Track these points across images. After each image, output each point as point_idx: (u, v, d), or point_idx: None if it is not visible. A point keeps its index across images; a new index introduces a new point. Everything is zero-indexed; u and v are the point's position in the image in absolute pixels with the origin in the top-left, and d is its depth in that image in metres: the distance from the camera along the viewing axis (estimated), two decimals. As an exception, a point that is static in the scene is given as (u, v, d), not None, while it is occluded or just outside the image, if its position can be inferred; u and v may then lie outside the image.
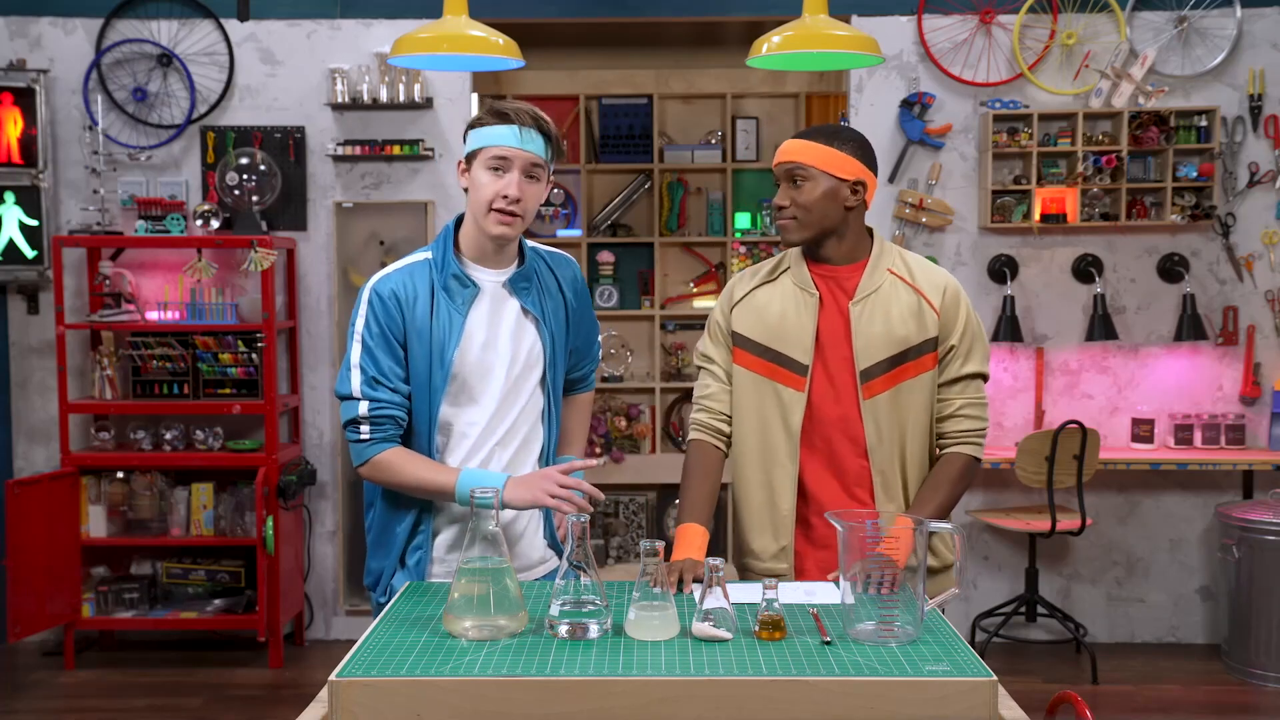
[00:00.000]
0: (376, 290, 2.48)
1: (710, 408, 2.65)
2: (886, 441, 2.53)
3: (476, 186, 2.47)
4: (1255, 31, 5.30)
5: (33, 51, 5.35)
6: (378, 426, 2.44)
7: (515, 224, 2.46)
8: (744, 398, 2.60)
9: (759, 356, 2.58)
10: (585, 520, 2.13)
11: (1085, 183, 5.24)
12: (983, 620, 5.28)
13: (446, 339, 2.47)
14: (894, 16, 5.34)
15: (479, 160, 2.47)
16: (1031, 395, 5.41)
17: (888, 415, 2.53)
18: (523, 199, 2.45)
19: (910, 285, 2.57)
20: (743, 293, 2.64)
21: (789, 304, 2.58)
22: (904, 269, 2.59)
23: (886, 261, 2.58)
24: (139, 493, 5.22)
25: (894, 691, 1.85)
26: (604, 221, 6.62)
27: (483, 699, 1.85)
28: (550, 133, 2.48)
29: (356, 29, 5.38)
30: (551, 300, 2.60)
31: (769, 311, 2.59)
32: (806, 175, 2.53)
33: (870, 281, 2.56)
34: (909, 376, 2.54)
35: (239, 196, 5.25)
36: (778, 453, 2.56)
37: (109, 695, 4.82)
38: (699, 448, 2.64)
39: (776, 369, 2.56)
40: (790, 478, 2.56)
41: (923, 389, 2.56)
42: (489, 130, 2.46)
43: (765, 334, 2.58)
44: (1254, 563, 4.91)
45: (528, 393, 2.56)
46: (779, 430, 2.56)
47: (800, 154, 2.53)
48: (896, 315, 2.54)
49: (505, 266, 2.55)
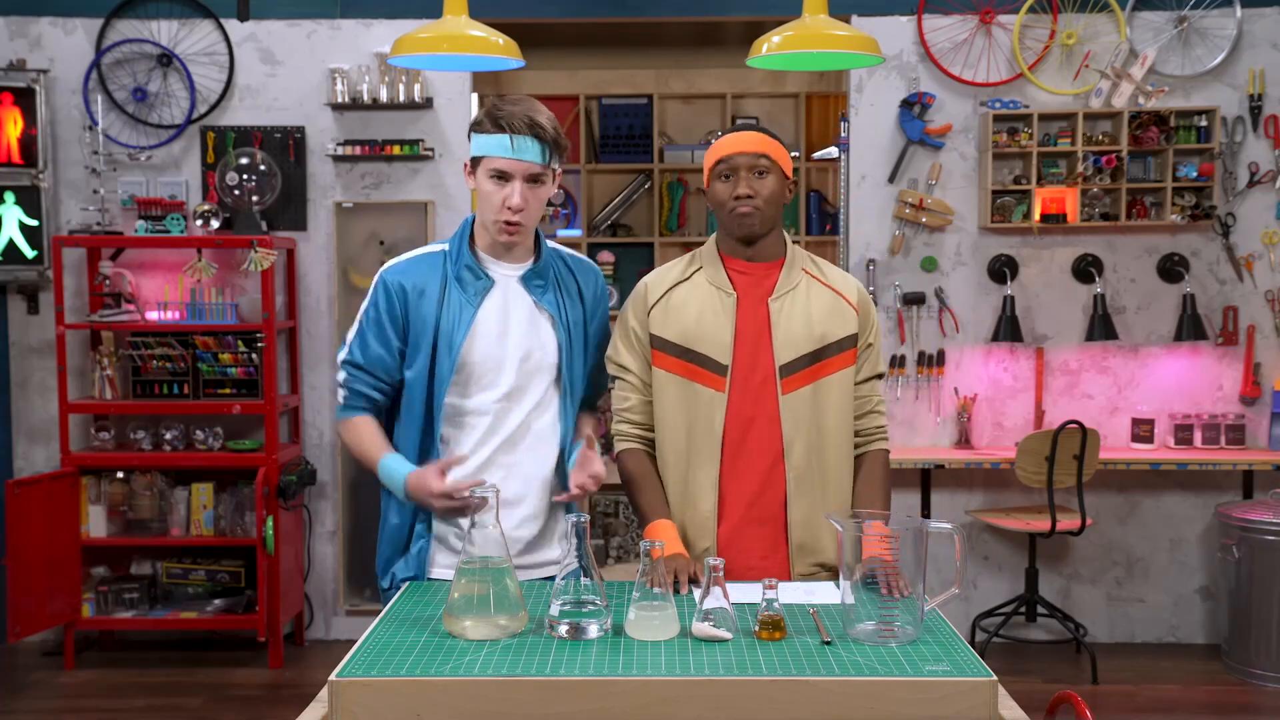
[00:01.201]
0: (384, 278, 2.55)
1: (632, 420, 2.63)
2: (804, 437, 2.53)
3: (482, 194, 2.49)
4: (1255, 31, 5.30)
5: (33, 51, 5.35)
6: (352, 395, 2.59)
7: (519, 233, 2.50)
8: (665, 400, 2.58)
9: (678, 358, 2.57)
10: (585, 520, 2.13)
11: (1085, 183, 5.24)
12: (983, 620, 5.28)
13: (455, 328, 2.49)
14: (894, 16, 5.34)
15: (481, 169, 2.49)
16: (1031, 395, 5.41)
17: (807, 410, 2.53)
18: (526, 207, 2.46)
19: (826, 285, 2.60)
20: (658, 295, 2.61)
21: (705, 304, 2.56)
22: (816, 270, 2.63)
23: (800, 262, 2.62)
24: (139, 493, 5.22)
25: (894, 691, 1.85)
26: (604, 221, 6.62)
27: (483, 699, 1.85)
28: (547, 137, 2.46)
29: (356, 29, 5.38)
30: (570, 302, 2.60)
31: (686, 312, 2.57)
32: (768, 168, 2.53)
33: (788, 279, 2.57)
34: (830, 372, 2.56)
35: (239, 196, 5.25)
36: (699, 455, 2.55)
37: (109, 695, 4.82)
38: (633, 455, 2.62)
39: (696, 370, 2.55)
40: (711, 480, 2.55)
41: (842, 385, 2.58)
42: (487, 139, 2.46)
43: (683, 335, 2.56)
44: (1254, 563, 4.91)
45: (540, 390, 2.56)
46: (701, 432, 2.55)
47: (763, 145, 2.53)
48: (816, 312, 2.56)
49: (520, 261, 2.57)
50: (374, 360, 2.54)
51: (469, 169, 2.53)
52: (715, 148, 2.58)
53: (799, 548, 2.54)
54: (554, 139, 2.48)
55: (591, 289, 2.65)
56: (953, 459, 5.17)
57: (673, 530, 2.52)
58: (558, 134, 2.49)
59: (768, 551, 2.55)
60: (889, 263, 5.41)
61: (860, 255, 5.41)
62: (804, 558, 2.55)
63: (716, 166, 2.56)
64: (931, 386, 5.41)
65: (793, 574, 2.55)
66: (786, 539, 2.55)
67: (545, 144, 2.46)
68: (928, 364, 5.39)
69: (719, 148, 2.57)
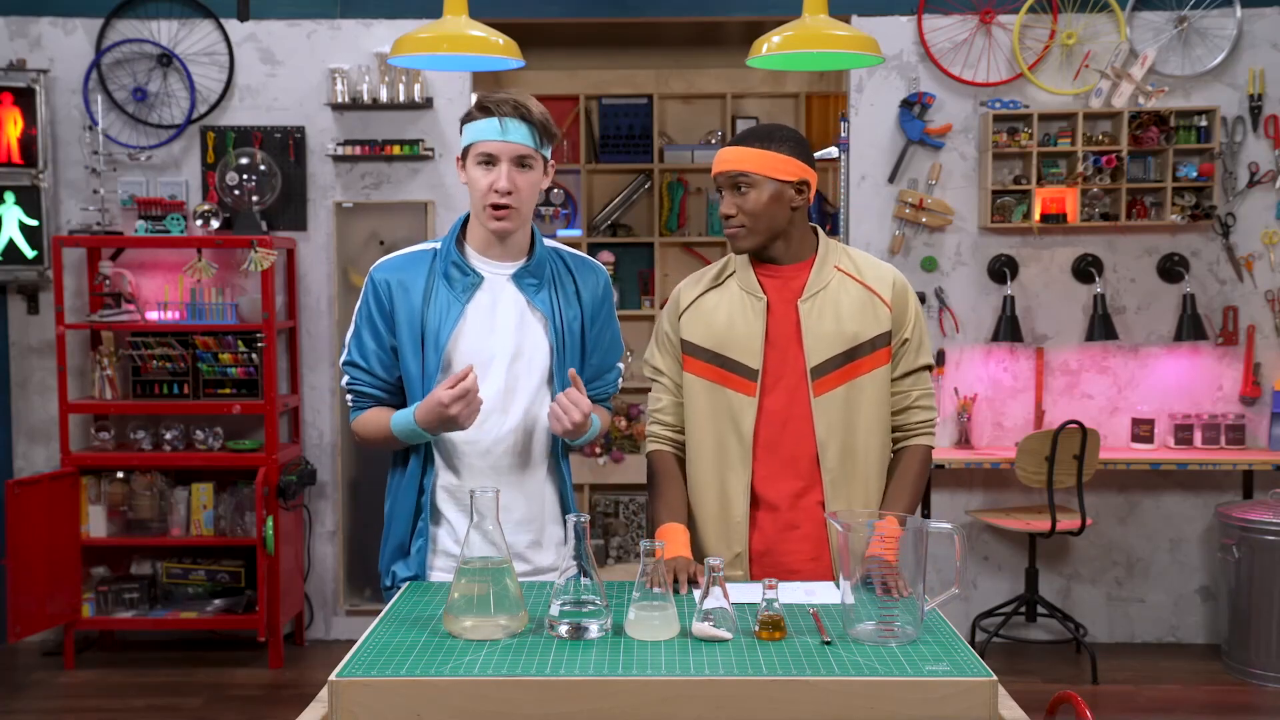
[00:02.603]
0: (373, 275, 2.57)
1: (664, 420, 2.64)
2: (838, 438, 2.51)
3: (471, 183, 2.49)
4: (1255, 31, 5.30)
5: (33, 51, 5.35)
6: (358, 398, 2.59)
7: (511, 216, 2.46)
8: (696, 405, 2.58)
9: (709, 363, 2.56)
10: (585, 520, 2.13)
11: (1085, 183, 5.24)
12: (983, 620, 5.28)
13: (441, 324, 2.48)
14: (894, 16, 5.34)
15: (470, 157, 2.49)
16: (1031, 395, 5.41)
17: (840, 412, 2.51)
18: (515, 190, 2.45)
19: (859, 281, 2.56)
20: (689, 300, 2.61)
21: (736, 309, 2.55)
22: (851, 266, 2.58)
23: (833, 259, 2.57)
24: (139, 493, 5.22)
25: (894, 691, 1.85)
26: (604, 221, 6.62)
27: (483, 699, 1.85)
28: (534, 119, 2.46)
29: (356, 29, 5.38)
30: (566, 302, 2.57)
31: (716, 318, 2.56)
32: (750, 182, 2.49)
33: (818, 279, 2.54)
34: (863, 372, 2.53)
35: (239, 196, 5.25)
36: (730, 459, 2.54)
37: (109, 695, 4.82)
38: (660, 457, 2.63)
39: (727, 375, 2.54)
40: (743, 484, 2.54)
41: (875, 384, 2.54)
42: (474, 125, 2.47)
43: (713, 340, 2.55)
44: (1254, 563, 4.91)
45: (531, 390, 2.54)
46: (731, 436, 2.53)
47: (740, 161, 2.49)
48: (847, 311, 2.52)
49: (512, 260, 2.55)
50: (370, 357, 2.54)
51: (460, 164, 2.53)
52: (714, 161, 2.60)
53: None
54: (542, 123, 2.47)
55: (591, 290, 2.62)
56: (953, 459, 5.17)
57: (682, 534, 2.50)
58: (546, 120, 2.49)
59: (813, 555, 2.53)
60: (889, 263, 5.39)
61: (860, 255, 5.40)
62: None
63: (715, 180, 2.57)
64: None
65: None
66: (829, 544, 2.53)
67: (533, 126, 2.46)
68: (928, 364, 5.39)
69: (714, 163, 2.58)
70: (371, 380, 2.56)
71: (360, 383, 2.57)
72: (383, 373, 2.55)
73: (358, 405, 2.60)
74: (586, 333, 2.61)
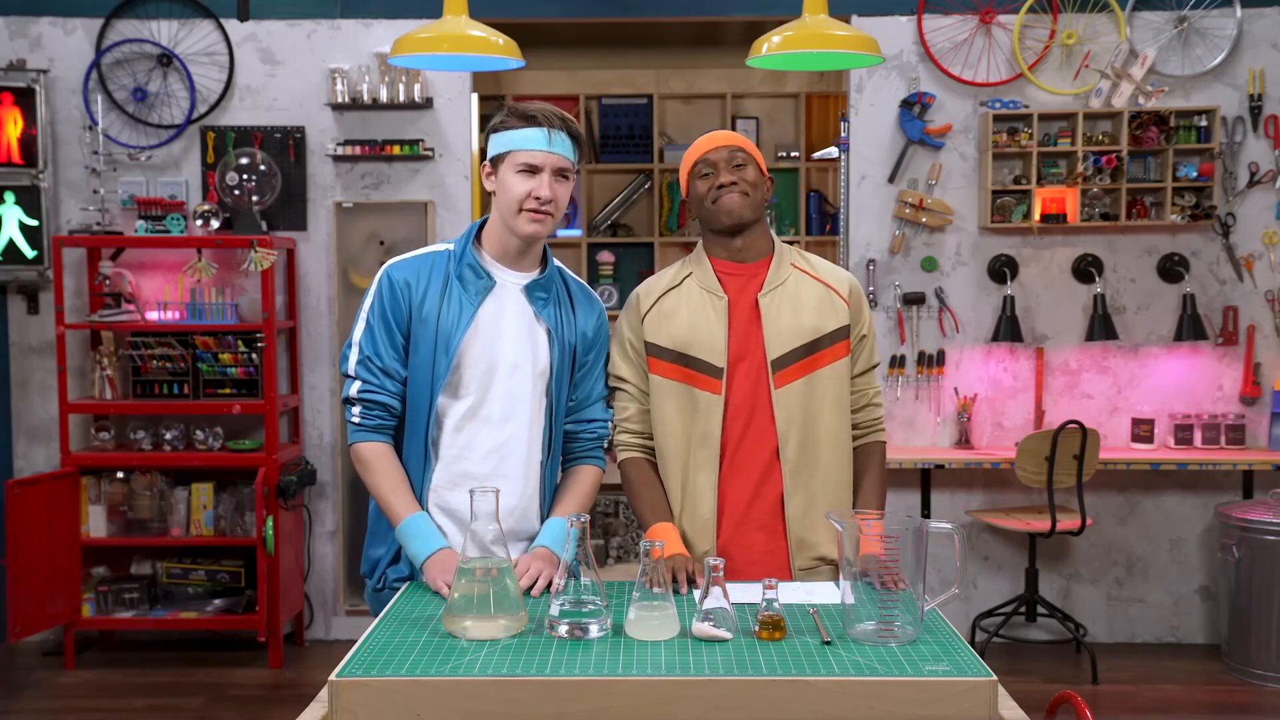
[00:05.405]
0: (389, 274, 2.52)
1: (632, 429, 2.65)
2: (798, 430, 2.54)
3: (505, 188, 2.47)
4: (1255, 31, 5.30)
5: (33, 51, 5.35)
6: (368, 412, 2.50)
7: (546, 222, 2.48)
8: (663, 406, 2.60)
9: (674, 363, 2.58)
10: (585, 520, 2.13)
11: (1085, 183, 5.24)
12: (983, 620, 5.27)
13: (454, 326, 2.47)
14: (894, 16, 5.34)
15: (507, 164, 2.47)
16: (1031, 395, 5.41)
17: (800, 404, 2.55)
18: (554, 199, 2.46)
19: (815, 278, 2.62)
20: (650, 303, 2.63)
21: (697, 309, 2.58)
22: (807, 265, 2.65)
23: (789, 258, 2.64)
24: (139, 493, 5.22)
25: (894, 691, 1.85)
26: (604, 221, 6.62)
27: (483, 699, 1.85)
28: (577, 133, 2.50)
29: (356, 29, 5.38)
30: (567, 320, 2.58)
31: (678, 318, 2.59)
32: (746, 160, 2.59)
33: (777, 275, 2.60)
34: (823, 365, 2.57)
35: (239, 196, 5.24)
36: (699, 458, 2.57)
37: (109, 695, 4.82)
38: (634, 463, 2.64)
39: (693, 374, 2.57)
40: (711, 483, 2.56)
41: (835, 377, 2.59)
42: (516, 134, 2.46)
43: (677, 341, 2.58)
44: (1254, 563, 4.91)
45: (531, 399, 2.53)
46: (699, 435, 2.56)
47: (737, 141, 2.61)
48: (806, 305, 2.58)
49: (526, 270, 2.55)
50: (386, 358, 2.48)
51: (488, 170, 2.51)
52: (690, 151, 2.64)
53: (798, 542, 2.56)
54: (581, 136, 2.52)
55: (584, 319, 2.61)
56: (953, 459, 5.17)
57: (674, 532, 2.54)
58: (581, 133, 2.53)
59: (768, 548, 2.56)
60: (889, 263, 5.41)
61: (860, 255, 5.41)
62: (803, 552, 2.56)
63: (695, 168, 2.61)
64: (931, 386, 5.41)
65: (793, 569, 2.56)
66: (785, 534, 2.55)
67: (575, 140, 2.49)
68: (928, 364, 5.39)
69: (695, 150, 2.63)
70: (388, 387, 2.49)
71: (374, 390, 2.48)
72: (396, 374, 2.49)
73: (368, 426, 2.49)
74: (577, 359, 2.61)
